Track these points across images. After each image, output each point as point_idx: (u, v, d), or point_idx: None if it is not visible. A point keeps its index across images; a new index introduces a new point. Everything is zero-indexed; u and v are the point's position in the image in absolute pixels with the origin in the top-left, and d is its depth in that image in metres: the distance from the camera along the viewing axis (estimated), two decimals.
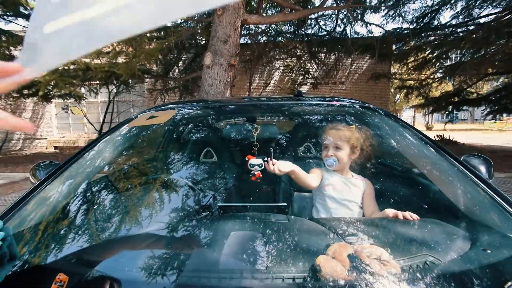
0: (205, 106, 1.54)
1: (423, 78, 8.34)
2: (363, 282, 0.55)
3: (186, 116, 1.48)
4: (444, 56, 7.10)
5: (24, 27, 6.20)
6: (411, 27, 6.37)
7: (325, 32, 7.06)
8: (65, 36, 0.41)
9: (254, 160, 1.02)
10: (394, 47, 7.20)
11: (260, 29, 7.22)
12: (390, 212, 0.87)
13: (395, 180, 1.18)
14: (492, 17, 5.81)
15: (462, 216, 0.82)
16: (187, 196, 1.01)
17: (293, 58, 8.39)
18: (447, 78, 7.65)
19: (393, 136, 1.24)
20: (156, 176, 1.14)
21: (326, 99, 1.47)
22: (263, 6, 6.09)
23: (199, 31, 5.59)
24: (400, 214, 0.83)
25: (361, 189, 1.05)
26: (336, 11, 6.36)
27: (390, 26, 6.47)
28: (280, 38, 7.46)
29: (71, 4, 0.41)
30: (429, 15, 6.21)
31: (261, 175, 1.01)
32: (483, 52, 6.06)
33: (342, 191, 1.04)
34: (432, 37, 6.44)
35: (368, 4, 6.07)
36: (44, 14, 0.43)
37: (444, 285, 0.54)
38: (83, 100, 7.87)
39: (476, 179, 0.89)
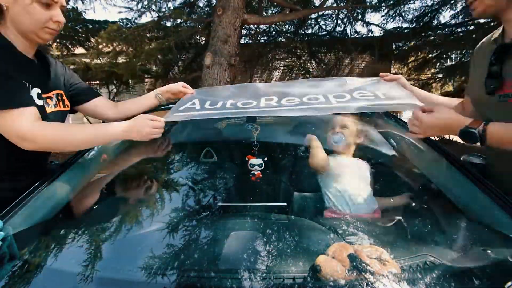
0: None
1: (423, 78, 8.33)
2: (363, 282, 0.55)
3: None
4: (444, 56, 7.08)
5: None
6: (411, 26, 6.37)
7: (325, 32, 7.05)
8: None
9: (254, 160, 1.02)
10: (394, 46, 7.19)
11: (260, 29, 7.22)
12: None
13: (395, 180, 1.18)
14: None
15: (462, 216, 0.82)
16: (187, 196, 1.01)
17: (293, 58, 8.38)
18: (447, 78, 7.64)
19: (392, 136, 1.25)
20: (156, 176, 1.14)
21: None
22: (263, 6, 6.08)
23: (199, 30, 5.58)
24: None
25: (368, 168, 1.07)
26: (336, 11, 6.36)
27: (390, 26, 6.44)
28: (280, 38, 7.44)
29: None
30: (429, 14, 6.20)
31: (261, 175, 1.01)
32: None
33: (350, 166, 1.04)
34: (432, 37, 6.43)
35: (368, 4, 6.07)
36: (178, 109, 1.08)
37: (444, 285, 0.54)
38: None
39: (476, 179, 0.89)
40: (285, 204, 1.01)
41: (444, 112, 0.83)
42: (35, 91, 0.92)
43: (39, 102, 0.93)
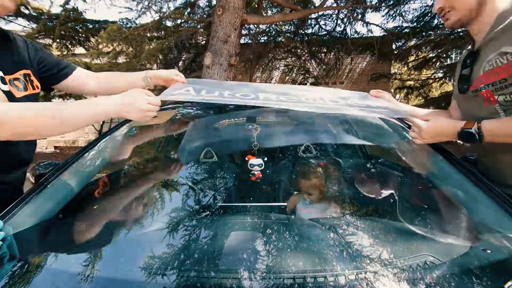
0: (205, 106, 1.53)
1: (423, 78, 8.33)
2: (363, 282, 0.55)
3: (186, 116, 1.48)
4: (444, 55, 7.09)
5: (24, 26, 6.18)
6: (411, 26, 6.37)
7: (325, 32, 7.05)
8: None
9: (254, 160, 1.02)
10: (394, 46, 7.19)
11: (260, 29, 7.22)
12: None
13: (395, 180, 1.18)
14: None
15: (462, 216, 0.82)
16: (187, 196, 1.01)
17: (293, 58, 8.38)
18: (447, 78, 7.64)
19: (392, 136, 1.25)
20: (156, 176, 1.14)
21: None
22: (263, 6, 6.08)
23: (199, 31, 5.58)
24: None
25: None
26: (336, 10, 6.36)
27: (390, 25, 6.44)
28: (280, 38, 7.44)
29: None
30: (429, 14, 6.20)
31: (261, 175, 1.01)
32: None
33: None
34: (432, 36, 6.43)
35: (368, 4, 6.07)
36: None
37: (444, 285, 0.54)
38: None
39: (476, 179, 0.89)
40: (285, 204, 1.01)
41: (438, 119, 0.95)
42: None
43: (4, 88, 0.82)
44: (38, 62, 0.99)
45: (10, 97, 0.84)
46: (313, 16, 6.58)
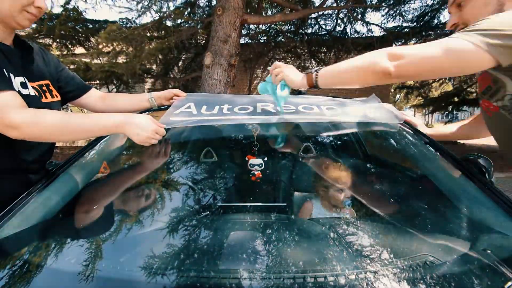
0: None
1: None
2: (363, 282, 0.55)
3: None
4: None
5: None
6: (411, 26, 6.37)
7: (325, 32, 7.05)
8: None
9: (254, 160, 1.02)
10: (394, 46, 7.19)
11: (260, 29, 7.22)
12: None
13: (395, 179, 1.18)
14: None
15: (462, 216, 0.82)
16: (187, 196, 1.01)
17: (293, 58, 8.38)
18: (447, 78, 7.65)
19: (392, 136, 1.25)
20: (156, 176, 1.14)
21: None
22: (263, 6, 6.08)
23: (199, 31, 5.58)
24: None
25: None
26: (336, 10, 6.36)
27: (390, 25, 6.45)
28: (280, 38, 7.45)
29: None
30: (429, 14, 6.21)
31: (261, 175, 1.01)
32: None
33: None
34: (432, 36, 6.43)
35: (368, 4, 6.07)
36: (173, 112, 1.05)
37: (444, 285, 0.54)
38: None
39: (476, 179, 0.89)
40: (285, 204, 1.01)
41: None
42: (18, 80, 0.87)
43: (25, 92, 0.87)
44: (58, 75, 1.07)
45: (36, 101, 0.90)
46: (313, 16, 6.58)
